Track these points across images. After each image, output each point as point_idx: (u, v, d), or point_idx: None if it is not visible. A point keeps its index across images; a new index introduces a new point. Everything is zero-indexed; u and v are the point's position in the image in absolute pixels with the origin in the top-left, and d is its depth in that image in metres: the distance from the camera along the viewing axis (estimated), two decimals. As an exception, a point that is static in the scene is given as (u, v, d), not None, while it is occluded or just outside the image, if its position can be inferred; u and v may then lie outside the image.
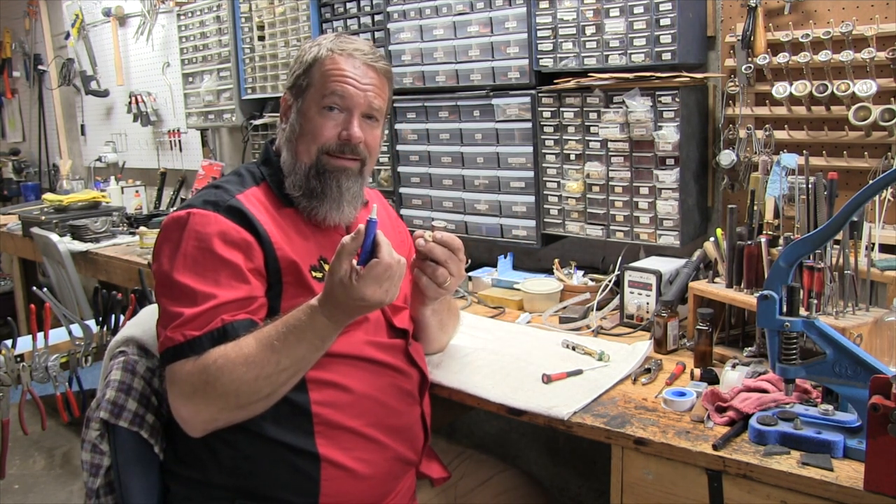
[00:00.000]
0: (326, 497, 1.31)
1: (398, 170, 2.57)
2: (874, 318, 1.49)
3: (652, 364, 1.65)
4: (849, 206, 1.20)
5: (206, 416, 1.23)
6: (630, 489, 1.38)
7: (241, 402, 1.23)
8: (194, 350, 1.22)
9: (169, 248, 1.30)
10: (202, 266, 1.26)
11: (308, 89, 1.41)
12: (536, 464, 2.66)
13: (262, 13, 3.06)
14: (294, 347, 1.22)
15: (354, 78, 1.40)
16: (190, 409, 1.23)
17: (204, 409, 1.23)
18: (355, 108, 1.40)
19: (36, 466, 3.10)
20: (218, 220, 1.29)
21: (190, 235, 1.28)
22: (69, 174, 4.74)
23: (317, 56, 1.41)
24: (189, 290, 1.25)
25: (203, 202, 1.32)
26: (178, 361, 1.22)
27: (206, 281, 1.26)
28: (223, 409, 1.23)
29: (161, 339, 1.26)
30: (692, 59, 2.02)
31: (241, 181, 1.40)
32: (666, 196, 2.00)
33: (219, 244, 1.27)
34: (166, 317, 1.26)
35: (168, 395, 1.26)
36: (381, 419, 1.37)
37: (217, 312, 1.24)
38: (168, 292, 1.27)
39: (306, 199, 1.40)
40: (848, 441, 1.22)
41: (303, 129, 1.40)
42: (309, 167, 1.39)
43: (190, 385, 1.22)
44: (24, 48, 5.18)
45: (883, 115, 1.73)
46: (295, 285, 1.33)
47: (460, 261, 1.44)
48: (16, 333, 1.98)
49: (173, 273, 1.27)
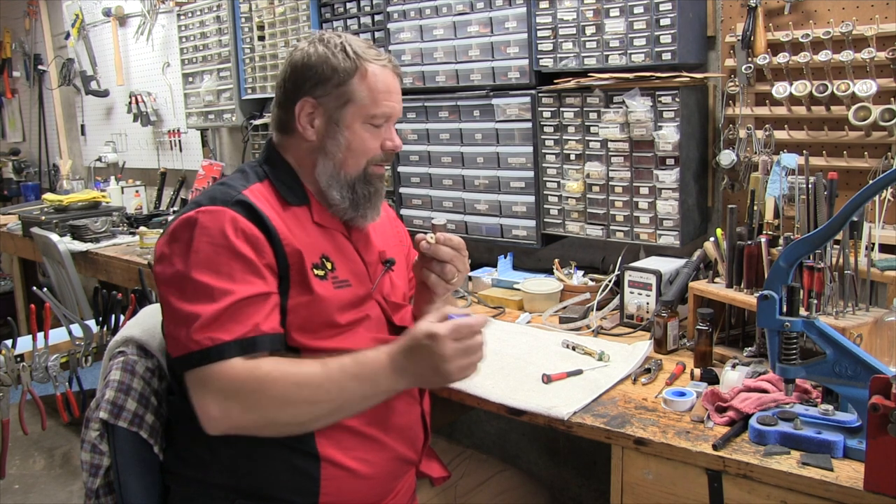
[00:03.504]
0: (326, 496, 1.31)
1: (398, 170, 2.57)
2: (874, 318, 1.49)
3: (652, 364, 1.65)
4: (849, 206, 1.20)
5: (238, 421, 1.21)
6: (630, 489, 1.38)
7: (277, 419, 1.22)
8: (222, 355, 1.20)
9: (180, 247, 1.27)
10: (216, 262, 1.25)
11: (350, 103, 1.38)
12: (536, 464, 2.66)
13: (262, 13, 3.06)
14: (348, 384, 1.23)
15: (396, 93, 1.44)
16: (223, 410, 1.21)
17: (239, 413, 1.21)
18: (393, 120, 1.45)
19: (36, 466, 3.10)
20: (228, 215, 1.28)
21: (202, 233, 1.26)
22: (69, 174, 4.74)
23: (355, 67, 1.38)
24: (206, 287, 1.23)
25: (211, 199, 1.31)
26: (219, 362, 1.20)
27: (223, 277, 1.24)
28: (257, 420, 1.22)
29: (181, 341, 1.23)
30: (692, 59, 2.02)
31: (246, 177, 1.40)
32: (666, 196, 2.00)
33: (232, 240, 1.26)
34: (183, 317, 1.23)
35: (194, 392, 1.23)
36: (382, 418, 1.37)
37: (238, 308, 1.23)
38: (183, 292, 1.25)
39: (353, 208, 1.42)
40: (848, 441, 1.22)
41: (350, 144, 1.40)
42: (356, 178, 1.41)
43: (234, 388, 1.20)
44: (24, 48, 5.18)
45: (883, 115, 1.73)
46: (299, 283, 1.33)
47: (464, 257, 1.47)
48: (16, 333, 1.98)
49: (188, 272, 1.24)
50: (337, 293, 1.36)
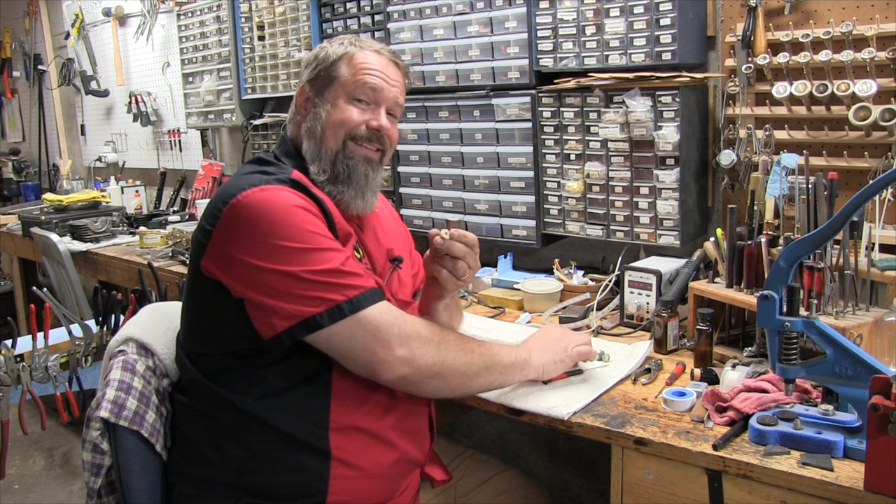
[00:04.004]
0: (334, 496, 1.31)
1: (398, 170, 2.57)
2: (874, 318, 1.49)
3: (652, 364, 1.65)
4: (849, 206, 1.20)
5: (424, 360, 1.27)
6: (630, 489, 1.38)
7: (455, 364, 1.31)
8: (375, 298, 1.26)
9: (259, 225, 1.23)
10: (307, 229, 1.25)
11: (335, 81, 1.43)
12: (536, 464, 2.66)
13: (262, 13, 3.06)
14: (498, 348, 1.42)
15: (385, 73, 1.44)
16: (410, 349, 1.26)
17: (426, 352, 1.28)
18: (383, 102, 1.44)
19: (36, 466, 3.10)
20: (287, 191, 1.29)
21: (276, 206, 1.24)
22: (69, 174, 4.74)
23: (344, 52, 1.44)
24: (312, 250, 1.23)
25: (261, 180, 1.29)
26: (370, 307, 1.25)
27: (321, 238, 1.26)
28: (439, 361, 1.29)
29: (311, 297, 1.21)
30: (692, 59, 2.02)
31: (279, 166, 1.40)
32: (666, 196, 2.00)
33: (307, 207, 1.28)
34: (301, 277, 1.21)
35: (362, 338, 1.24)
36: (396, 420, 1.37)
37: (350, 263, 1.27)
38: (286, 260, 1.22)
39: (331, 183, 1.41)
40: (848, 441, 1.22)
41: (329, 117, 1.42)
42: (336, 152, 1.41)
43: (416, 329, 1.28)
44: (24, 48, 5.18)
45: (883, 115, 1.73)
46: None
47: (476, 254, 1.47)
48: (16, 333, 1.98)
49: (283, 242, 1.22)
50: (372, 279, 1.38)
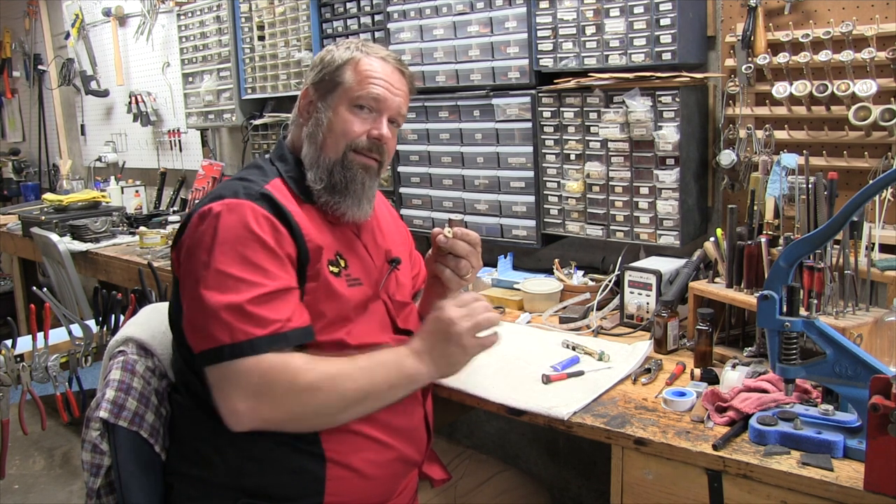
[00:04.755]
0: (332, 497, 1.31)
1: (398, 170, 2.57)
2: (874, 318, 1.49)
3: (652, 364, 1.65)
4: (849, 206, 1.20)
5: (267, 415, 1.21)
6: (630, 489, 1.38)
7: (307, 411, 1.23)
8: (255, 350, 1.20)
9: (204, 239, 1.26)
10: (244, 254, 1.24)
11: (339, 87, 1.42)
12: (536, 464, 2.66)
13: (262, 13, 3.06)
14: (374, 370, 1.28)
15: (389, 82, 1.43)
16: (251, 405, 1.20)
17: (268, 408, 1.21)
18: (385, 111, 1.43)
19: (36, 466, 3.10)
20: (253, 208, 1.28)
21: (226, 224, 1.26)
22: (69, 174, 4.74)
23: (350, 56, 1.43)
24: (236, 279, 1.22)
25: (234, 192, 1.30)
26: (251, 357, 1.20)
27: (252, 268, 1.24)
28: (287, 413, 1.22)
29: (211, 334, 1.21)
30: (692, 59, 2.02)
31: (264, 173, 1.40)
32: (666, 196, 2.00)
33: (257, 231, 1.26)
34: (212, 310, 1.21)
35: (218, 386, 1.22)
36: (386, 420, 1.37)
37: (268, 301, 1.23)
38: (210, 284, 1.23)
39: (328, 193, 1.40)
40: (848, 441, 1.22)
41: (331, 125, 1.41)
42: (335, 162, 1.40)
43: (266, 383, 1.20)
44: (24, 48, 5.18)
45: (883, 115, 1.73)
46: (314, 277, 1.33)
47: (478, 253, 1.48)
48: (16, 333, 1.98)
49: (216, 264, 1.23)
50: (351, 291, 1.37)
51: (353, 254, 1.43)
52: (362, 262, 1.44)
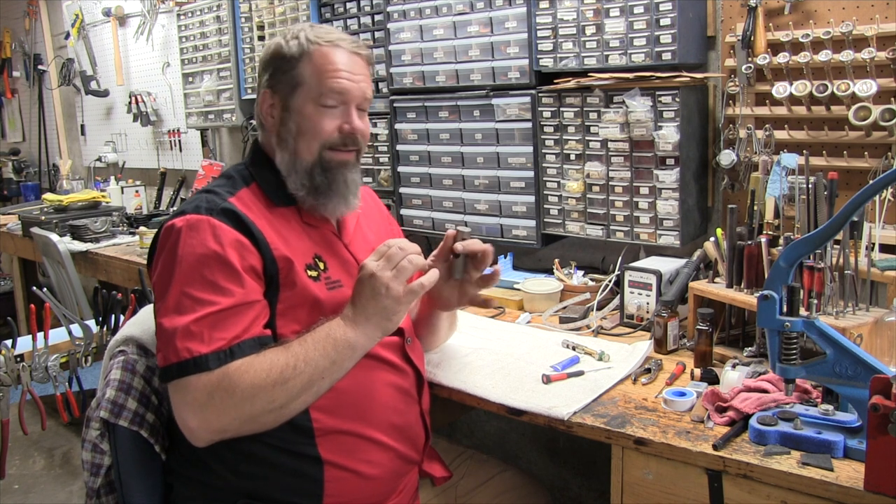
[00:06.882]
0: (331, 497, 1.31)
1: (398, 170, 2.57)
2: (874, 318, 1.49)
3: (652, 364, 1.65)
4: (849, 206, 1.20)
5: (217, 425, 1.21)
6: (630, 489, 1.38)
7: (254, 411, 1.21)
8: (200, 367, 1.19)
9: (165, 257, 1.28)
10: (199, 272, 1.24)
11: (299, 87, 1.38)
12: (536, 464, 2.66)
13: (262, 13, 3.06)
14: (310, 351, 1.24)
15: (350, 71, 1.39)
16: (200, 419, 1.20)
17: (216, 418, 1.21)
18: (352, 102, 1.40)
19: (36, 466, 3.10)
20: (212, 224, 1.27)
21: (184, 242, 1.26)
22: (69, 174, 4.74)
23: (302, 51, 1.38)
24: (188, 297, 1.23)
25: (195, 208, 1.30)
26: (191, 375, 1.20)
27: (205, 287, 1.24)
28: (235, 419, 1.21)
29: (163, 352, 1.23)
30: (692, 59, 2.02)
31: (232, 184, 1.38)
32: (666, 196, 2.00)
33: (214, 248, 1.26)
34: (164, 328, 1.23)
35: (174, 405, 1.24)
36: (381, 419, 1.37)
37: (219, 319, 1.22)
38: (166, 302, 1.25)
39: (312, 196, 1.39)
40: (848, 441, 1.22)
41: (301, 128, 1.38)
42: (312, 164, 1.38)
43: (205, 393, 1.19)
44: (24, 48, 5.18)
45: (883, 115, 1.73)
46: (290, 285, 1.32)
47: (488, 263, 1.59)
48: (16, 333, 1.98)
49: (171, 282, 1.24)
50: (331, 294, 1.35)
51: (333, 255, 1.41)
52: (343, 263, 1.42)
